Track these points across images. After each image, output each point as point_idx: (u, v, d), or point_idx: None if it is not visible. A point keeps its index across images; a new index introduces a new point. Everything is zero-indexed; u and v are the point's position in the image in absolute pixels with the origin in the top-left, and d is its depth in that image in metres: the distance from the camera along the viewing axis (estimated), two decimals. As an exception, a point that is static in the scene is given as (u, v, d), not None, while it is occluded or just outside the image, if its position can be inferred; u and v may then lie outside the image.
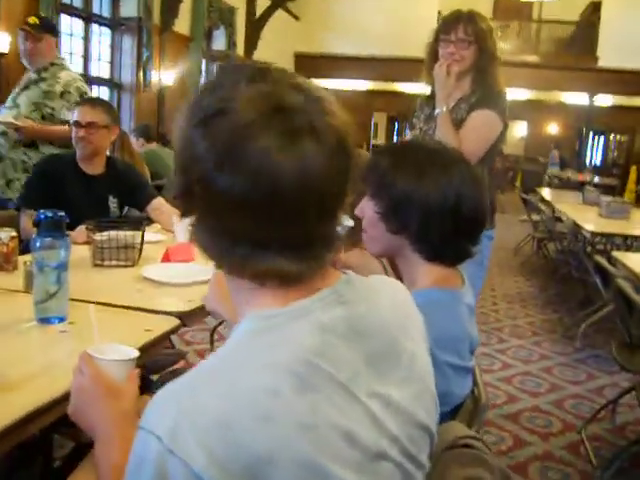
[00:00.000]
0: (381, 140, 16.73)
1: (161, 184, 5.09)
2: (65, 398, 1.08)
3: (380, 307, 0.75)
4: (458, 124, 2.32)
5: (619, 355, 2.52)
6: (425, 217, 1.15)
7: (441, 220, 1.15)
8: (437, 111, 2.34)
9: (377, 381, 0.69)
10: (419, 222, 1.15)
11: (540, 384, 3.41)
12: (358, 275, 0.77)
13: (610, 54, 13.01)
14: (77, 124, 2.55)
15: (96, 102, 2.72)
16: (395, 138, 17.00)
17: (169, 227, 2.55)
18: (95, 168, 2.63)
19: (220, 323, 3.35)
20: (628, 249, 4.78)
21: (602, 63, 13.35)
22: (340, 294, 0.71)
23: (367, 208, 1.22)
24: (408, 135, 2.76)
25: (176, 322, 1.51)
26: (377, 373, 0.70)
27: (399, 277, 1.64)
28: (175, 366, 3.19)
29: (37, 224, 1.39)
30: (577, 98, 14.75)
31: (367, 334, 0.71)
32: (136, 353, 0.95)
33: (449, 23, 2.33)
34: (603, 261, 2.96)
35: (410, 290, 1.23)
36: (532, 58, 13.90)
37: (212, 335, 3.61)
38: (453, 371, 1.11)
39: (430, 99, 2.49)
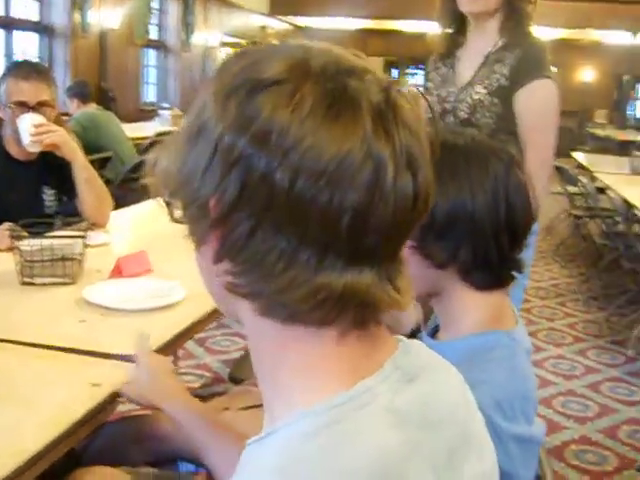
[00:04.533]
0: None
1: (97, 158, 4.79)
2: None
3: (442, 381, 0.74)
4: (495, 92, 2.20)
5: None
6: (478, 237, 1.08)
7: (496, 236, 1.09)
8: None
9: None
10: (472, 245, 1.08)
11: (587, 407, 3.35)
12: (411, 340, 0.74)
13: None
14: (22, 105, 2.32)
15: (40, 70, 2.47)
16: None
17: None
18: (28, 152, 2.44)
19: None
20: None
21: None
22: (405, 370, 0.69)
23: None
24: None
25: (134, 371, 1.38)
26: (453, 470, 0.68)
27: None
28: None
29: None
30: (618, 37, 14.71)
31: (439, 420, 0.69)
32: None
33: None
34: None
35: (451, 334, 1.16)
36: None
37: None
38: (518, 446, 1.03)
39: (447, 56, 2.38)
